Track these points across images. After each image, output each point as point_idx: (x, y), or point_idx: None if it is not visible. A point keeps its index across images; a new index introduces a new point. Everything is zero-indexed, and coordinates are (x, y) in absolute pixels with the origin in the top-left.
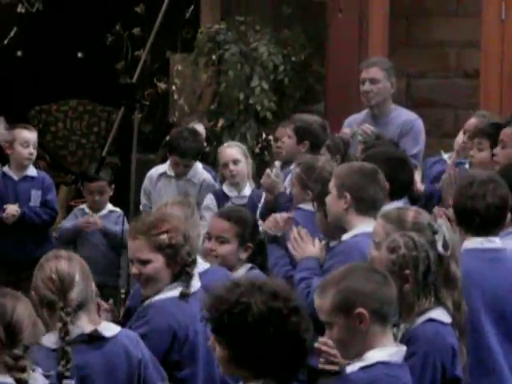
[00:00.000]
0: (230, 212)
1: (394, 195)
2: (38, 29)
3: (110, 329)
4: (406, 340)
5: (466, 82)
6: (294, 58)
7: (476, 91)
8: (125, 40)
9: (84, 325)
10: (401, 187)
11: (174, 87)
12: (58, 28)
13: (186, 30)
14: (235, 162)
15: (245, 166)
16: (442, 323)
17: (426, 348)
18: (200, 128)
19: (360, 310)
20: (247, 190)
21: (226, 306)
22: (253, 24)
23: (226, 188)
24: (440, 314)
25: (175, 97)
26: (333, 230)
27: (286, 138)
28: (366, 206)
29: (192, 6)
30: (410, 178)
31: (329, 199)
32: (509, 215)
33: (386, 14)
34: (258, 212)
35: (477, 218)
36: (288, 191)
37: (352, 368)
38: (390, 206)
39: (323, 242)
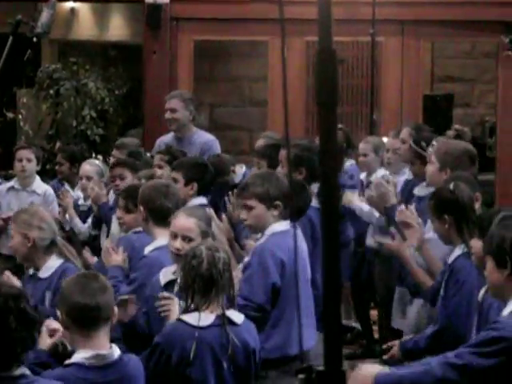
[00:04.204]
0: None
1: (200, 191)
2: None
3: None
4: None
5: (257, 109)
6: (117, 92)
7: (265, 117)
8: None
9: None
10: (204, 186)
11: (20, 116)
12: None
13: (29, 69)
14: (88, 178)
15: (95, 183)
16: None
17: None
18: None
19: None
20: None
21: None
22: (83, 64)
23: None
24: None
25: (21, 124)
26: None
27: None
28: (159, 215)
29: (29, 50)
30: (211, 179)
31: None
32: None
33: (191, 55)
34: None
35: (285, 206)
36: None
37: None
38: (192, 203)
39: (126, 254)
